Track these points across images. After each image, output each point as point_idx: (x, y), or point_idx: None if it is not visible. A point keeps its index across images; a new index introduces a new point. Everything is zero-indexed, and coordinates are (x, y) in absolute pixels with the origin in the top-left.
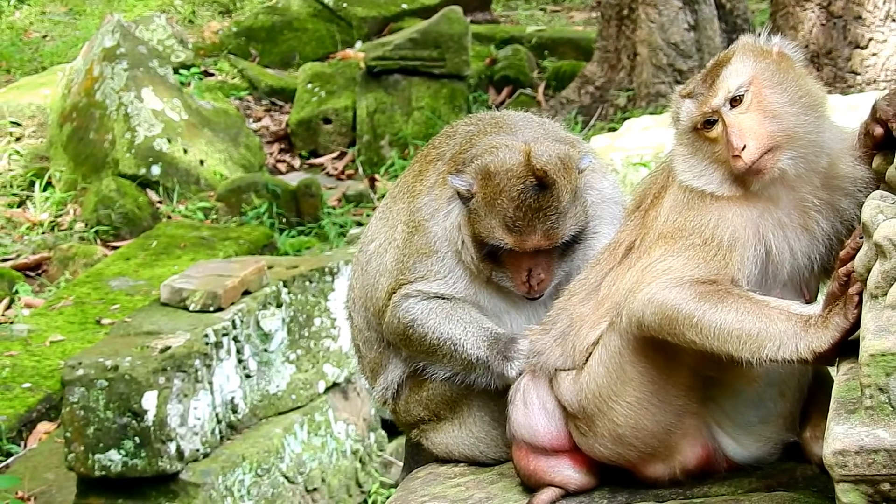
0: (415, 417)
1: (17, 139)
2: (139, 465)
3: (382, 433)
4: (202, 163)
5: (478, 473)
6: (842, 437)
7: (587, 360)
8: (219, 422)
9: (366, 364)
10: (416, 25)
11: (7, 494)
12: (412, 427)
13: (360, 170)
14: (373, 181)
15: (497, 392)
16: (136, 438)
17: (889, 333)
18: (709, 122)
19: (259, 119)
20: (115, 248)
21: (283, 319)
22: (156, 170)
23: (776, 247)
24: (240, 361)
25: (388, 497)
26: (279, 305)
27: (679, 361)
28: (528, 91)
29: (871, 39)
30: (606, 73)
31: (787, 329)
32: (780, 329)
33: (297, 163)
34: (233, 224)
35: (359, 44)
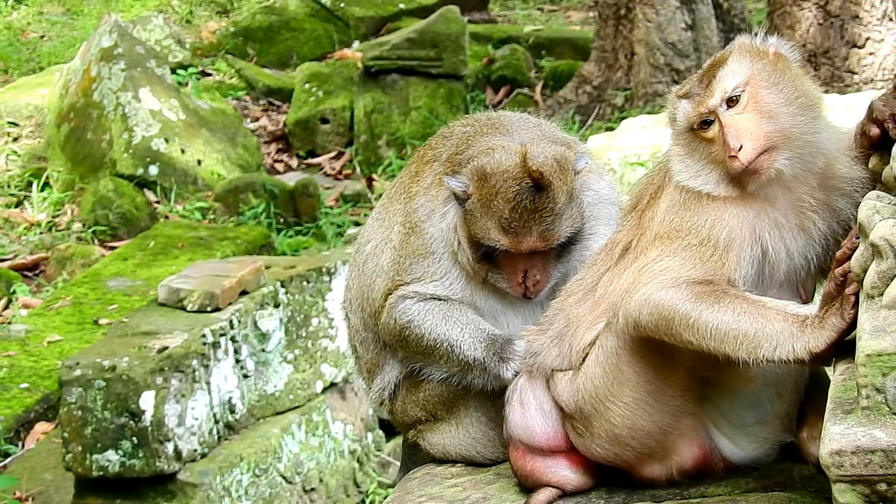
0: (412, 418)
1: (15, 139)
2: (137, 466)
3: (380, 433)
4: (200, 163)
5: (475, 474)
6: (838, 438)
7: (584, 361)
8: (216, 422)
9: (362, 365)
10: (414, 25)
11: (5, 495)
12: (409, 427)
13: (358, 170)
14: (370, 181)
15: (494, 393)
16: (134, 439)
17: (885, 333)
18: (705, 123)
19: (256, 119)
20: (113, 249)
21: (281, 319)
22: (153, 170)
23: (773, 247)
24: (237, 361)
25: (386, 497)
26: (277, 305)
27: (676, 362)
28: (526, 91)
29: (869, 39)
30: (604, 73)
31: (784, 329)
32: (777, 329)
33: (295, 163)
34: (230, 224)
35: (356, 44)
